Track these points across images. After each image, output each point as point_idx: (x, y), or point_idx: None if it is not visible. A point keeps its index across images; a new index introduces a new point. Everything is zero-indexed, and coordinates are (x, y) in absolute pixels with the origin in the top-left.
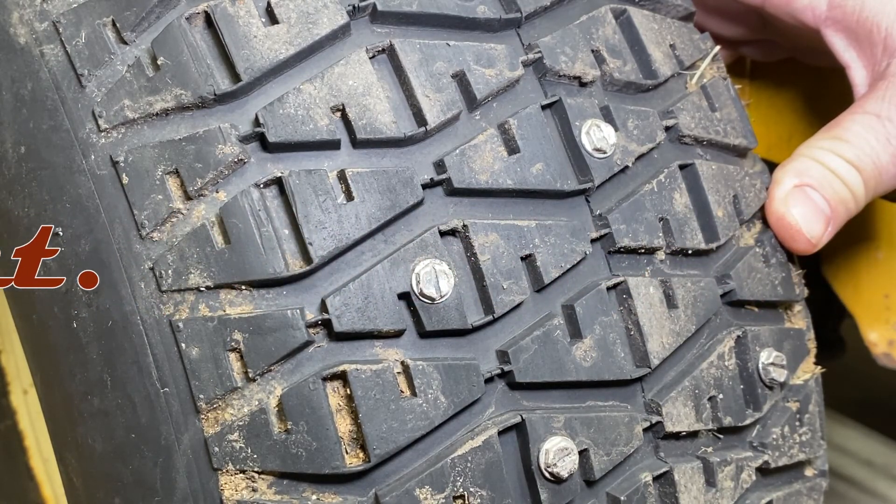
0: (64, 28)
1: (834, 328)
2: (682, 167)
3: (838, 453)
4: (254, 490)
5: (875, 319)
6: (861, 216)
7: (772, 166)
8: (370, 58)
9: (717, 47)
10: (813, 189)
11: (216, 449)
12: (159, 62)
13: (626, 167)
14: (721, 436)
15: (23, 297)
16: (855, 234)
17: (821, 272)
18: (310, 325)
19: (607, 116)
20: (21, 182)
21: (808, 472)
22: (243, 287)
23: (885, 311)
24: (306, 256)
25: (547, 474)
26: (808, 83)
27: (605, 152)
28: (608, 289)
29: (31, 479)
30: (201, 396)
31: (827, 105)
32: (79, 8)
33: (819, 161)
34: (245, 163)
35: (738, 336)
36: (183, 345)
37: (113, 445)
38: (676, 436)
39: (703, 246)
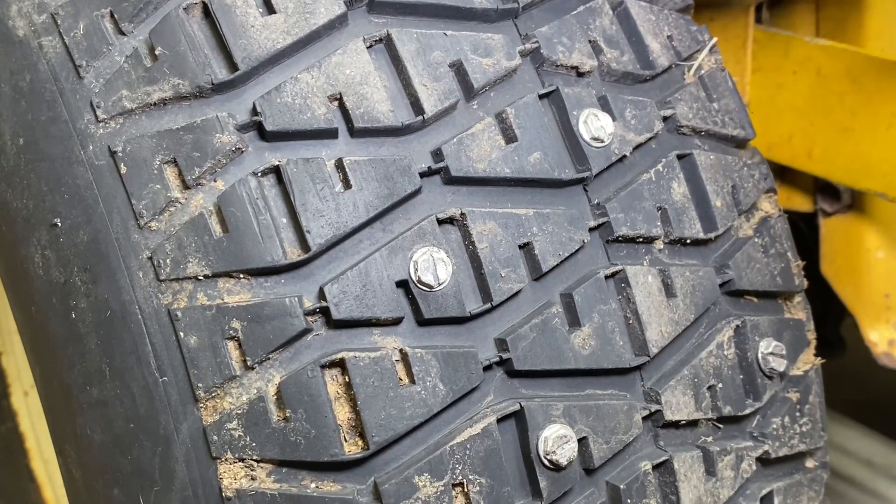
0: (62, 20)
1: (834, 328)
2: (680, 157)
3: (838, 453)
4: (253, 478)
5: (875, 319)
6: (861, 216)
7: (772, 166)
8: (367, 47)
9: (715, 39)
10: None
11: (215, 437)
12: (157, 52)
13: (624, 156)
14: (721, 425)
15: (21, 289)
16: (855, 234)
17: (821, 272)
18: (308, 313)
19: (605, 106)
20: (20, 173)
21: (809, 463)
22: (241, 275)
23: (886, 311)
24: (304, 244)
25: (546, 462)
26: (808, 83)
27: (602, 141)
28: (606, 277)
29: (32, 481)
30: (200, 385)
31: (827, 105)
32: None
33: None
34: (243, 152)
35: (738, 326)
36: (181, 334)
37: (112, 436)
38: (676, 424)
39: (701, 235)
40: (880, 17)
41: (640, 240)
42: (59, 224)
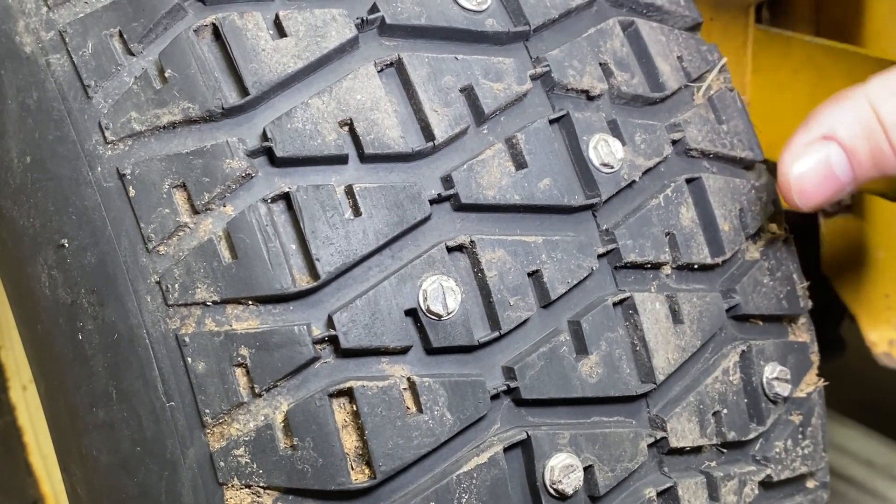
0: (70, 38)
1: (834, 328)
2: (688, 181)
3: (838, 453)
4: None
5: (875, 319)
6: (861, 216)
7: (771, 167)
8: (378, 71)
9: (724, 59)
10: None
11: (222, 463)
12: (167, 74)
13: (634, 182)
14: (724, 450)
15: (28, 308)
16: (855, 234)
17: (821, 272)
18: (316, 342)
19: (615, 130)
20: (26, 192)
21: (810, 484)
22: (250, 302)
23: (886, 311)
24: (313, 272)
25: (552, 491)
26: (808, 83)
27: (612, 167)
28: (614, 304)
29: (30, 475)
30: (207, 411)
31: None
32: (85, 18)
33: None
34: (253, 177)
35: (743, 350)
36: (189, 359)
37: (118, 458)
38: (681, 451)
39: (709, 260)
40: (880, 17)
41: (649, 266)
42: (67, 245)
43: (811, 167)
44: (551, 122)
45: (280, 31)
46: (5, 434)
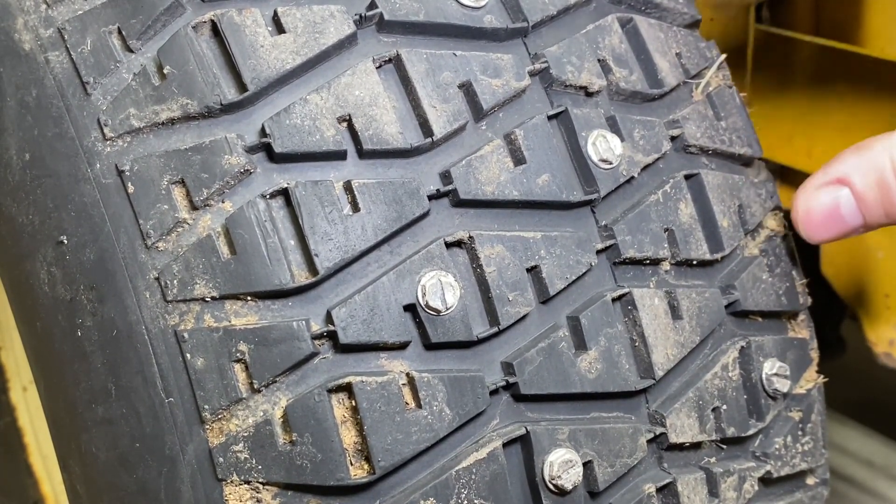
0: (69, 35)
1: (834, 328)
2: (687, 177)
3: (838, 453)
4: (258, 501)
5: (876, 319)
6: None
7: (771, 166)
8: (377, 68)
9: (723, 55)
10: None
11: (221, 459)
12: (165, 71)
13: (632, 178)
14: (724, 446)
15: (27, 304)
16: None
17: (821, 272)
18: (315, 337)
19: (613, 127)
20: (25, 189)
21: (810, 480)
22: (249, 298)
23: (886, 311)
24: (312, 268)
25: (551, 486)
26: (808, 83)
27: (610, 163)
28: (613, 300)
29: (30, 476)
30: (206, 407)
31: (828, 105)
32: (84, 15)
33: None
34: (251, 173)
35: (742, 347)
36: (188, 355)
37: (117, 454)
38: (680, 447)
39: (707, 256)
40: (880, 17)
41: (647, 262)
42: (66, 241)
43: (819, 206)
44: (550, 118)
45: (278, 28)
46: (6, 435)
